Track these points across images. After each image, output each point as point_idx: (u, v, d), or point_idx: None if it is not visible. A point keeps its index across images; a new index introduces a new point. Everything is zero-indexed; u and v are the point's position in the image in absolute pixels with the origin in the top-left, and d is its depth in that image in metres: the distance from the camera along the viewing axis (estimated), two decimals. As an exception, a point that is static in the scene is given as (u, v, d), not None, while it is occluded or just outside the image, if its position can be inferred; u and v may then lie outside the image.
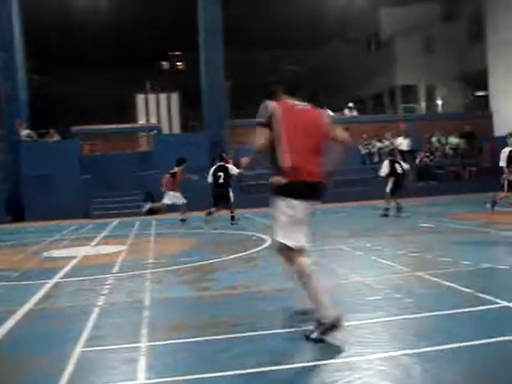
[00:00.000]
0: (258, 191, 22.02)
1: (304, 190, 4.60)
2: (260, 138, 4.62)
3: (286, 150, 4.53)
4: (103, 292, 7.00)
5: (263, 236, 11.97)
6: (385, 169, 16.11)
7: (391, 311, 5.35)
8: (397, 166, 15.99)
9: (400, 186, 15.85)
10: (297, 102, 4.79)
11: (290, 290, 6.44)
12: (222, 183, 15.21)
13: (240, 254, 9.64)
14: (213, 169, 15.56)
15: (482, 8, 28.36)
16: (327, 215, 17.45)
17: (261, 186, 22.26)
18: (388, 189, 15.84)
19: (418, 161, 24.27)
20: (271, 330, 4.91)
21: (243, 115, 25.32)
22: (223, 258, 9.38)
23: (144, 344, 4.71)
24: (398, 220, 14.78)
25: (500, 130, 26.61)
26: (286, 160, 4.51)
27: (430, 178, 24.25)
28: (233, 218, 15.56)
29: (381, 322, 5.01)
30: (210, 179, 15.41)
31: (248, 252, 9.91)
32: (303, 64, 30.09)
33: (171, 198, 16.67)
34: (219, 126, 23.13)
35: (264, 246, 10.58)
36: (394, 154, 17.37)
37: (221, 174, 15.26)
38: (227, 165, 15.63)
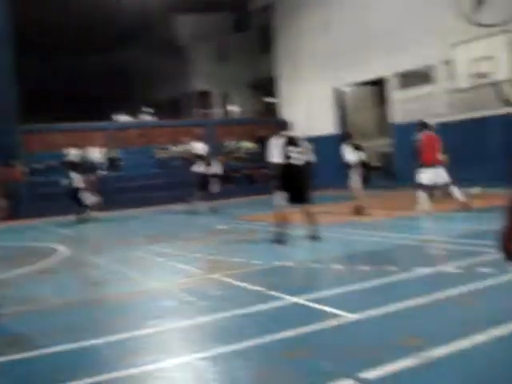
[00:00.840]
0: (51, 200, 21.10)
1: None
2: None
3: None
4: None
5: (57, 246, 11.46)
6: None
7: (186, 315, 5.41)
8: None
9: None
10: None
11: (81, 303, 6.28)
12: None
13: (31, 267, 9.11)
14: None
15: (271, 20, 29.93)
16: (124, 221, 17.26)
17: (55, 195, 21.39)
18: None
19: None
20: (56, 346, 4.69)
21: (40, 120, 24.22)
22: (13, 272, 8.77)
23: None
24: (195, 223, 15.03)
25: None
26: None
27: (226, 181, 24.96)
28: None
29: (175, 328, 5.04)
30: None
31: (40, 264, 9.39)
32: (100, 68, 29.24)
33: None
34: (8, 131, 21.72)
35: (57, 257, 10.13)
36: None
37: None
38: None
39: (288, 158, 9.55)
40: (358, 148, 14.06)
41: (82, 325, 5.32)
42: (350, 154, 14.07)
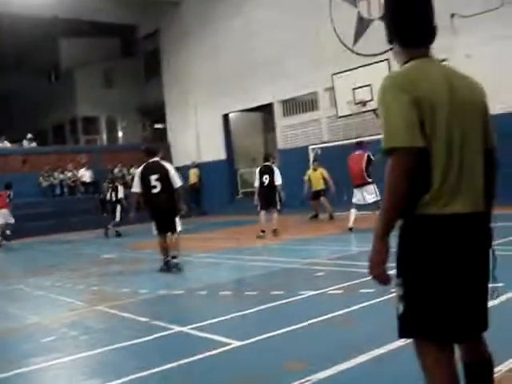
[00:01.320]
0: None
1: None
2: None
3: None
4: None
5: None
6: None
7: (66, 351, 5.16)
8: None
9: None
10: None
11: (18, 330, 5.87)
12: None
13: None
14: None
15: (159, 46, 29.89)
16: (7, 253, 16.46)
17: None
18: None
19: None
20: None
21: None
22: None
23: None
24: (80, 253, 14.56)
25: (178, 160, 28.18)
26: None
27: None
28: None
29: (54, 365, 4.79)
30: None
31: None
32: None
33: None
34: None
35: None
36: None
37: None
38: None
39: (148, 187, 9.33)
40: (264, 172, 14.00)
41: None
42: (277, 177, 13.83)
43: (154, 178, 9.26)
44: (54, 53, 34.33)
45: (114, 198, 18.22)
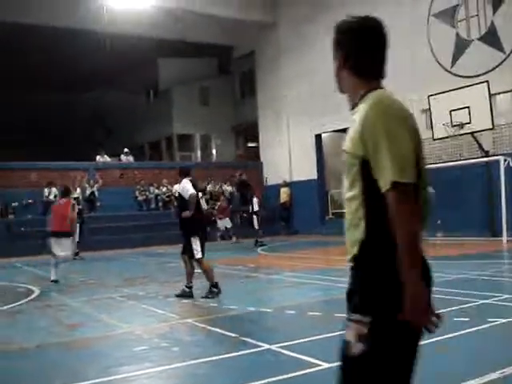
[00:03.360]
0: (27, 238, 20.88)
1: None
2: None
3: None
4: None
5: (31, 286, 11.26)
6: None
7: (157, 361, 5.28)
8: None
9: None
10: None
11: (52, 345, 6.14)
12: None
13: (2, 308, 8.90)
14: None
15: (253, 66, 30.41)
16: (103, 262, 17.07)
17: (32, 234, 21.16)
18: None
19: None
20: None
21: (13, 158, 24.10)
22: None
23: None
24: (173, 266, 14.87)
25: (270, 179, 28.43)
26: None
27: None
28: None
29: (145, 374, 4.90)
30: None
31: (12, 305, 9.19)
32: (78, 109, 29.39)
33: None
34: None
35: (30, 297, 9.93)
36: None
37: None
38: None
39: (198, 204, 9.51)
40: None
41: (48, 370, 5.18)
42: None
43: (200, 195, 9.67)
44: (153, 72, 35.54)
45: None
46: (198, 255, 8.80)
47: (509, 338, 5.63)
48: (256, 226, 20.16)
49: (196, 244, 8.79)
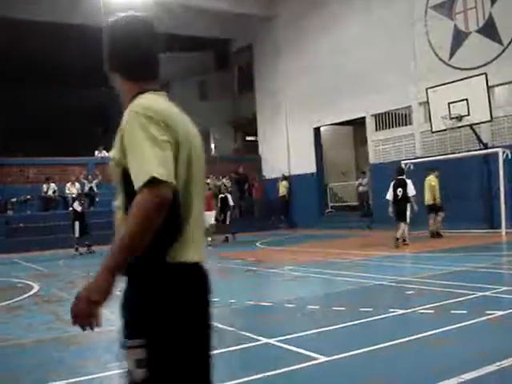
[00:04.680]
0: (25, 234, 20.92)
1: None
2: None
3: None
4: None
5: (30, 282, 11.26)
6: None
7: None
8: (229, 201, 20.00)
9: None
10: None
11: (51, 340, 6.15)
12: None
13: (1, 304, 8.91)
14: None
15: (251, 60, 30.36)
16: (100, 257, 17.03)
17: (31, 230, 21.19)
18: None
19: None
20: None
21: (10, 154, 24.07)
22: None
23: None
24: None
25: (268, 173, 28.43)
26: None
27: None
28: None
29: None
30: None
31: (11, 301, 9.19)
32: (76, 105, 29.34)
33: None
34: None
35: (30, 293, 9.94)
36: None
37: None
38: None
39: None
40: None
41: (47, 366, 5.18)
42: None
43: None
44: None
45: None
46: None
47: (507, 330, 5.65)
48: (227, 222, 20.03)
49: None
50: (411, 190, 14.12)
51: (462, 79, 17.53)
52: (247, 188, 27.97)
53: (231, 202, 20.18)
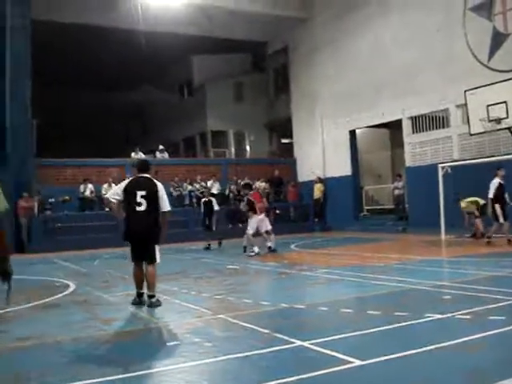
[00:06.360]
0: (63, 234, 21.26)
1: None
2: None
3: None
4: None
5: (67, 281, 11.43)
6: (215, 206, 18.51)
7: (189, 357, 5.30)
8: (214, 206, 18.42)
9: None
10: None
11: (87, 339, 6.23)
12: None
13: (39, 302, 9.06)
14: None
15: (287, 63, 30.34)
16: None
17: (68, 229, 21.52)
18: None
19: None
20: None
21: (51, 154, 24.45)
22: (19, 307, 8.71)
23: None
24: (206, 262, 14.97)
25: (303, 175, 28.37)
26: None
27: (238, 221, 24.88)
28: None
29: (177, 369, 4.93)
30: None
31: (49, 299, 9.34)
32: (113, 107, 29.62)
33: None
34: (24, 164, 21.91)
35: (66, 292, 10.09)
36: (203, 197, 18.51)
37: None
38: None
39: (131, 203, 8.20)
40: None
41: (83, 364, 5.25)
42: None
43: (140, 194, 8.10)
44: (187, 69, 35.72)
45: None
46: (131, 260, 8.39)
47: (546, 337, 5.52)
48: (213, 228, 18.56)
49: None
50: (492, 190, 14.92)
51: (500, 81, 17.24)
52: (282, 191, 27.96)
53: (216, 207, 18.59)
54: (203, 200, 19.27)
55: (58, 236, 21.23)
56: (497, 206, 14.81)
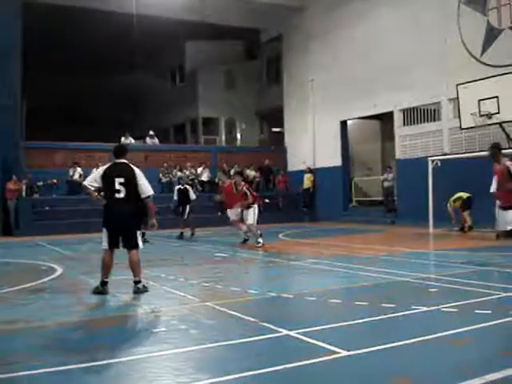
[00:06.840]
0: (51, 218, 21.15)
1: None
2: None
3: None
4: None
5: (54, 265, 11.37)
6: (175, 196, 18.06)
7: (175, 343, 5.29)
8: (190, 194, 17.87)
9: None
10: None
11: (72, 324, 6.19)
12: None
13: (25, 286, 8.99)
14: None
15: (280, 51, 30.24)
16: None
17: (57, 213, 21.42)
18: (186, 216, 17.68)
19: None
20: (45, 368, 4.57)
21: (40, 137, 24.27)
22: (3, 290, 8.65)
23: None
24: (194, 249, 14.94)
25: (293, 164, 28.35)
26: None
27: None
28: None
29: (163, 356, 4.91)
30: None
31: (35, 283, 9.28)
32: (104, 91, 29.41)
33: None
34: (12, 147, 21.72)
35: (53, 276, 10.03)
36: (191, 184, 18.24)
37: None
38: None
39: (110, 190, 8.02)
40: None
41: (67, 349, 5.21)
42: None
43: (118, 181, 7.90)
44: (179, 54, 35.52)
45: None
46: (103, 246, 8.23)
47: (532, 332, 5.54)
48: (185, 216, 17.98)
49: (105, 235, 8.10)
50: None
51: (493, 76, 17.26)
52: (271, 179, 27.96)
53: (193, 196, 18.05)
54: (178, 187, 18.61)
55: (46, 220, 21.13)
56: None
